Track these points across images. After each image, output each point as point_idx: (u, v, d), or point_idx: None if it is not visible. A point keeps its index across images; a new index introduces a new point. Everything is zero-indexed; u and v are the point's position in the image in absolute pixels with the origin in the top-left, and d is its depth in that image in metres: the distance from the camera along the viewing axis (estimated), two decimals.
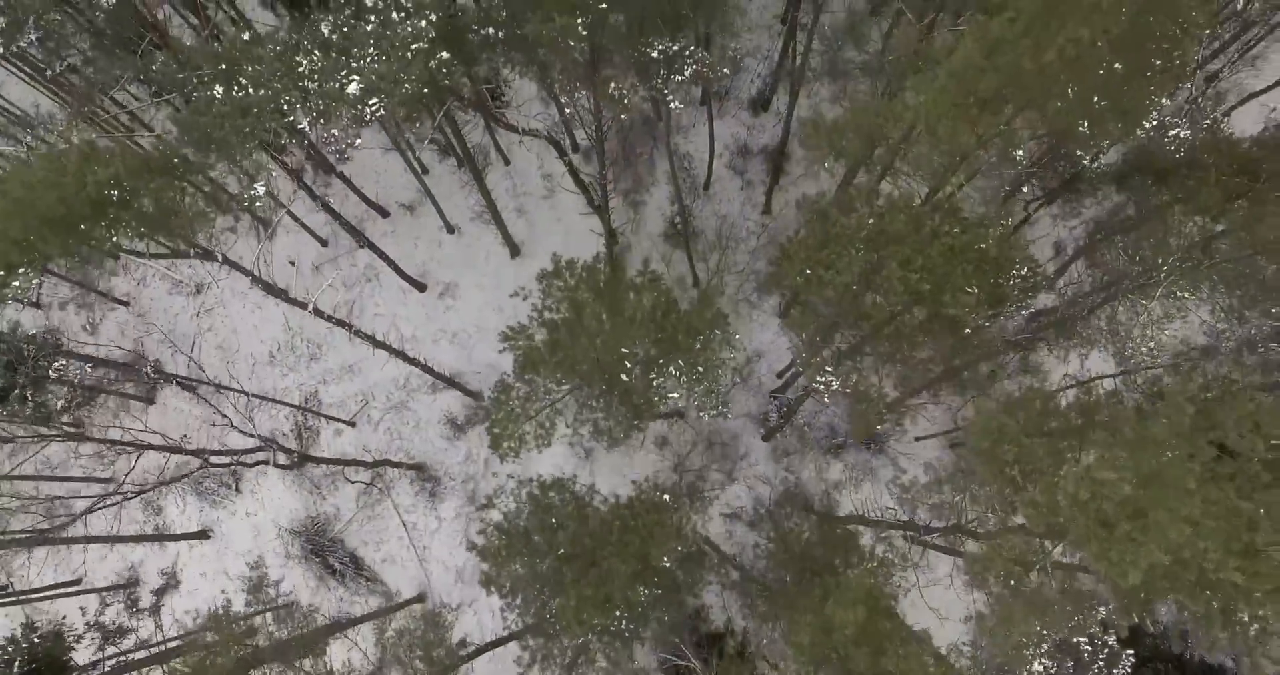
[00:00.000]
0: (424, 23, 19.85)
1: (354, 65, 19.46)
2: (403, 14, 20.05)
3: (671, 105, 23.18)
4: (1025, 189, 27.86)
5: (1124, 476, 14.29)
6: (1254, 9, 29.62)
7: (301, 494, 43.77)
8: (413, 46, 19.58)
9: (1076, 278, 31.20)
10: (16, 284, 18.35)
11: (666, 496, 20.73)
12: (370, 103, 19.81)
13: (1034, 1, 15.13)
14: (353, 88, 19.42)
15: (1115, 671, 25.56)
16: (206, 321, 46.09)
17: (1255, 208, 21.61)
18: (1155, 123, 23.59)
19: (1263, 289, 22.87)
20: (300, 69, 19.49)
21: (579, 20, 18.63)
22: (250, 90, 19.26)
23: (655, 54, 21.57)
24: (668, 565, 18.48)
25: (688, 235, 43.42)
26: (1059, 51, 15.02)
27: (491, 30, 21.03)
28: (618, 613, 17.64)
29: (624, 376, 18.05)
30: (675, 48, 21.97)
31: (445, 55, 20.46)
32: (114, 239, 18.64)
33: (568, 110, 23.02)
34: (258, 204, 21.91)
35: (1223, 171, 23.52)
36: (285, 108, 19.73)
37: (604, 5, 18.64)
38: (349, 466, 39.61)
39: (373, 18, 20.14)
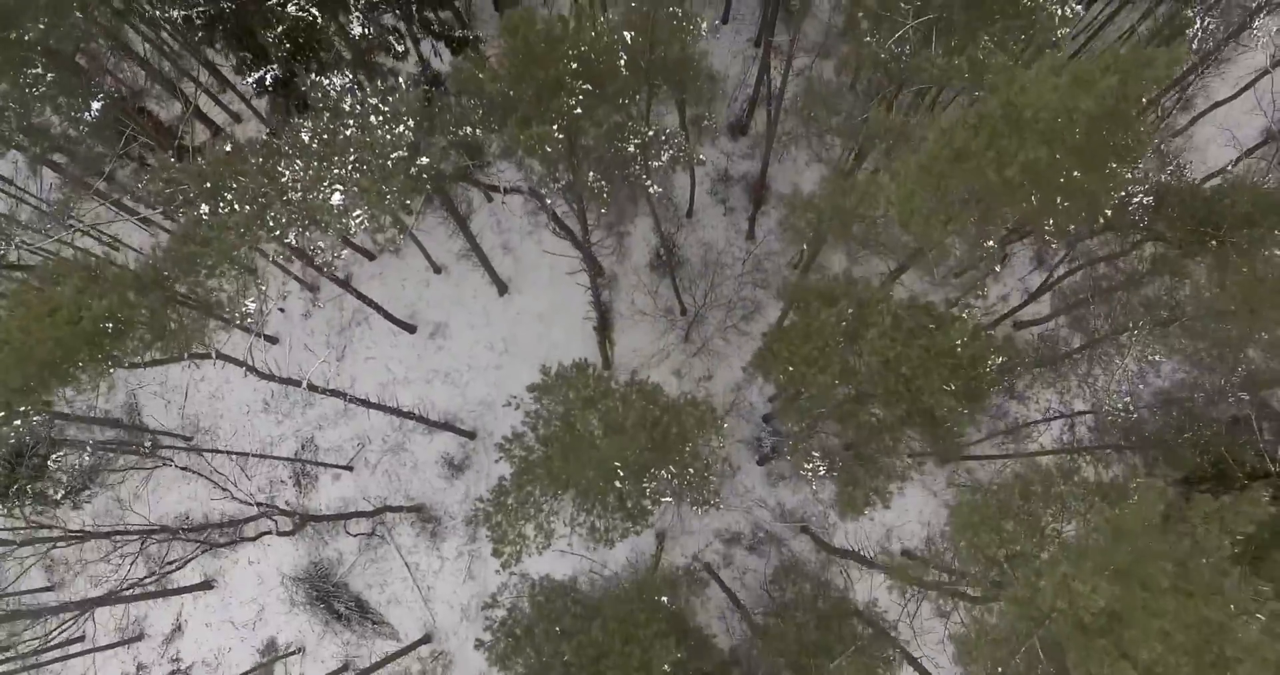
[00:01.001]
0: (401, 128, 20.18)
1: (336, 172, 19.75)
2: (381, 118, 20.36)
3: (650, 189, 23.53)
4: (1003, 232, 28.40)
5: (1098, 586, 14.88)
6: (1210, 45, 30.09)
7: (303, 540, 44.23)
8: (393, 155, 19.90)
9: (1056, 325, 31.55)
10: (19, 422, 18.75)
11: (665, 598, 21.23)
12: (355, 215, 20.15)
13: (994, 117, 15.58)
14: (336, 198, 19.73)
15: None
16: (198, 371, 46.34)
17: (1219, 273, 22.05)
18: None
19: (1229, 345, 23.33)
20: (284, 179, 19.79)
21: (554, 126, 19.00)
22: (236, 206, 19.58)
23: (632, 148, 21.97)
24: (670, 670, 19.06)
25: (672, 266, 43.94)
26: (1020, 167, 15.51)
27: (469, 129, 21.39)
28: None
29: (617, 483, 18.59)
30: (651, 133, 22.34)
31: (425, 160, 20.82)
32: (111, 368, 19.01)
33: (548, 200, 23.41)
34: (249, 320, 22.28)
35: (1185, 223, 23.99)
36: (271, 223, 20.08)
37: (578, 109, 19.01)
38: (350, 519, 40.07)
39: (351, 122, 20.45)
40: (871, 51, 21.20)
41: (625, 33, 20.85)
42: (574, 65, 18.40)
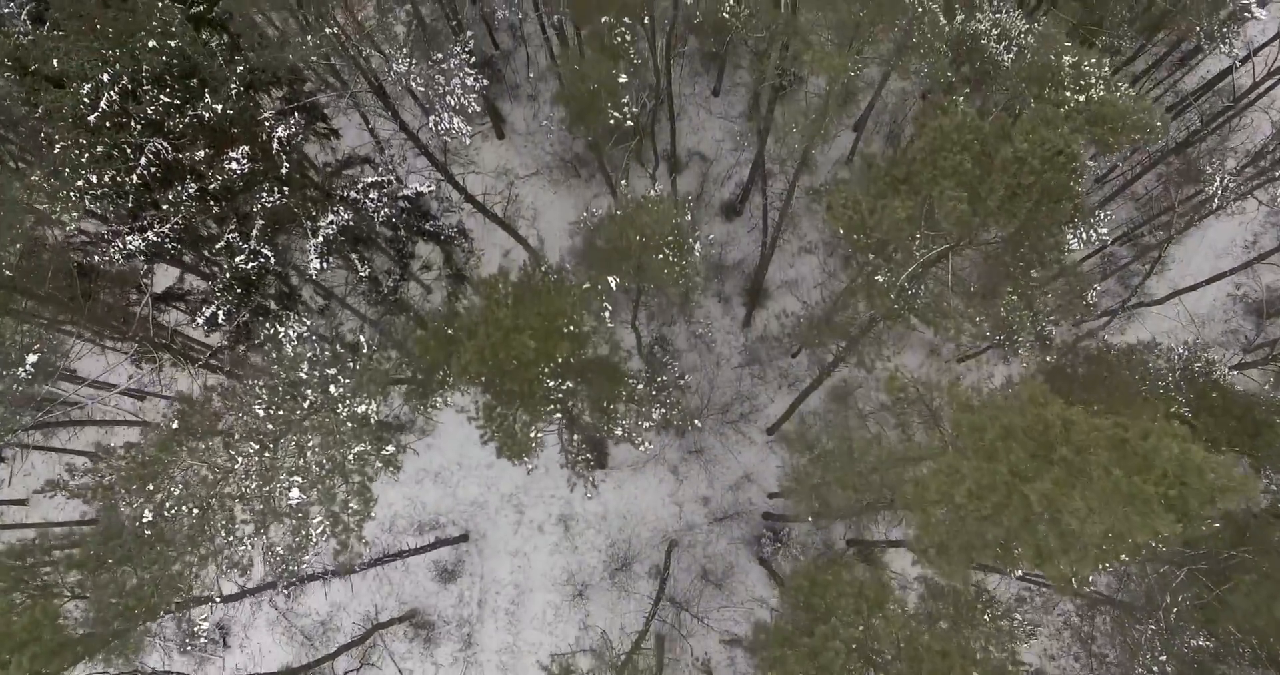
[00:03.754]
0: (364, 408, 18.20)
1: (297, 462, 17.82)
2: (341, 390, 18.36)
3: (642, 448, 21.72)
4: None
5: None
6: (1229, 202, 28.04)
7: (293, 647, 43.10)
8: (355, 450, 17.96)
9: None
10: None
11: None
12: (314, 523, 18.30)
13: (1037, 528, 13.58)
14: (294, 493, 17.88)
15: None
16: None
17: (1263, 584, 19.69)
18: None
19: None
20: (235, 466, 17.89)
21: (533, 434, 17.08)
22: (183, 507, 17.68)
23: (620, 430, 20.04)
24: None
25: (665, 366, 42.10)
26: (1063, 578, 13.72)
27: (435, 401, 19.42)
28: None
29: None
30: (641, 387, 20.37)
31: (391, 449, 18.89)
32: None
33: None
34: (202, 639, 20.51)
35: (1222, 424, 21.99)
36: (223, 531, 18.22)
37: (559, 416, 17.06)
38: (338, 657, 38.72)
39: (309, 392, 18.43)
40: (880, 290, 19.09)
41: (610, 280, 18.76)
42: (551, 380, 16.40)
